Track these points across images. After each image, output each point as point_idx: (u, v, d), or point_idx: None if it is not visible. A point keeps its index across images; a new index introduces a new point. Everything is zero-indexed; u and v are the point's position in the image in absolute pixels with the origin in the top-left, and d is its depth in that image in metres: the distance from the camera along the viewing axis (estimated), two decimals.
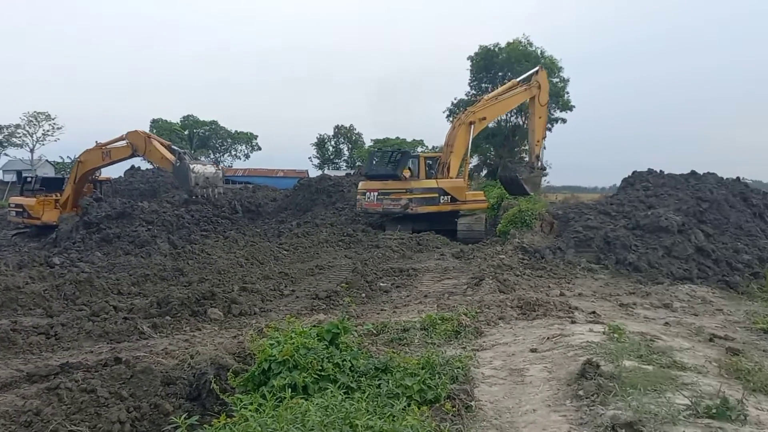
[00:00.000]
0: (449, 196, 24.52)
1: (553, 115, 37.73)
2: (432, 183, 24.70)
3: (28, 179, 30.16)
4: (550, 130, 28.09)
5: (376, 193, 24.74)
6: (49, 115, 65.88)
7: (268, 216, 30.26)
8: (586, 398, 4.99)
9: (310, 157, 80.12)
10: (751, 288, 13.79)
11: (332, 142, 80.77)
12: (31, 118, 65.23)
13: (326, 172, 58.69)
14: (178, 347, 8.25)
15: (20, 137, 66.77)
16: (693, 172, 21.75)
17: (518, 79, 28.86)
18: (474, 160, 38.95)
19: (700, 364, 6.05)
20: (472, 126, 25.03)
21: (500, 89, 28.77)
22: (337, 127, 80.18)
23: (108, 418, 5.60)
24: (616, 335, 6.96)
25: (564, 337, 7.31)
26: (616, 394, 4.92)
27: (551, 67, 37.70)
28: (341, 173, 44.22)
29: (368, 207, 25.06)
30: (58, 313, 10.58)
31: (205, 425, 4.60)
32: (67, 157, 51.73)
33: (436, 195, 24.25)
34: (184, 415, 4.42)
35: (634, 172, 22.81)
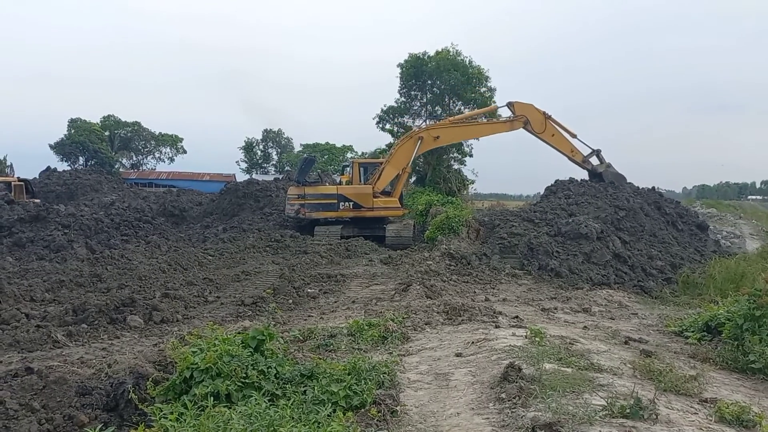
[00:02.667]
0: (351, 203, 24.54)
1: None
2: (331, 189, 25.06)
3: None
4: (575, 136, 25.30)
5: (287, 199, 25.64)
6: None
7: (193, 221, 29.52)
8: (509, 401, 5.11)
9: (237, 161, 78.66)
10: (663, 293, 14.57)
11: (261, 146, 79.60)
12: None
13: (254, 176, 57.70)
14: (95, 356, 7.89)
15: None
16: (611, 182, 22.79)
17: (499, 105, 26.61)
18: None
19: (615, 366, 6.31)
20: (420, 141, 24.86)
21: (470, 113, 27.76)
22: (265, 131, 79.13)
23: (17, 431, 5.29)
24: (537, 339, 7.17)
25: (488, 341, 7.46)
26: (536, 396, 5.06)
27: (478, 77, 38.56)
28: (269, 178, 43.63)
29: (287, 212, 25.79)
30: None
31: None
32: None
33: (335, 201, 24.39)
34: (99, 426, 4.23)
35: (556, 181, 23.67)
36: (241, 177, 60.18)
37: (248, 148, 77.76)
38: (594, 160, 24.90)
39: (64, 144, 63.29)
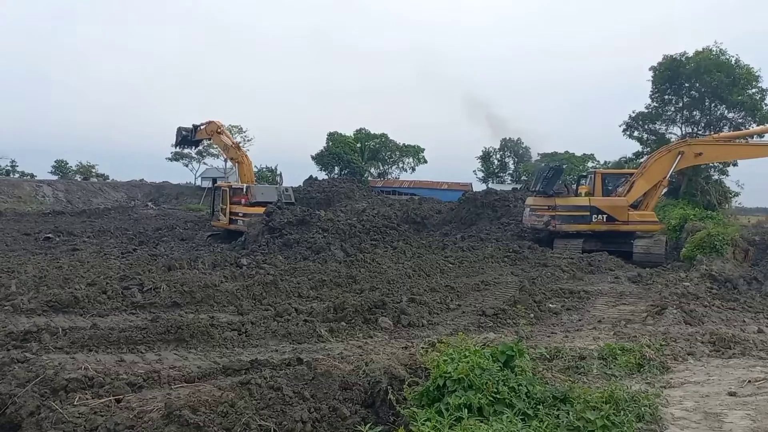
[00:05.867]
0: (604, 215, 23.17)
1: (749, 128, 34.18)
2: (583, 201, 23.74)
3: None
4: None
5: (528, 209, 25.06)
6: (241, 128, 72.03)
7: (433, 228, 30.57)
8: None
9: (474, 170, 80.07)
10: None
11: (498, 156, 79.98)
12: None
13: (490, 185, 58.12)
14: (353, 353, 8.52)
15: (216, 148, 73.54)
16: None
17: None
18: None
19: None
20: (680, 157, 22.97)
21: (741, 133, 25.48)
22: (504, 140, 79.26)
23: (292, 417, 5.86)
24: None
25: None
26: None
27: (747, 77, 34.15)
28: (507, 187, 43.56)
29: (526, 222, 25.28)
30: (247, 311, 11.47)
31: None
32: (255, 166, 56.32)
33: (587, 213, 23.20)
34: (369, 424, 4.55)
35: None
36: (477, 186, 61.22)
37: (485, 157, 78.74)
38: None
39: (323, 155, 70.42)
